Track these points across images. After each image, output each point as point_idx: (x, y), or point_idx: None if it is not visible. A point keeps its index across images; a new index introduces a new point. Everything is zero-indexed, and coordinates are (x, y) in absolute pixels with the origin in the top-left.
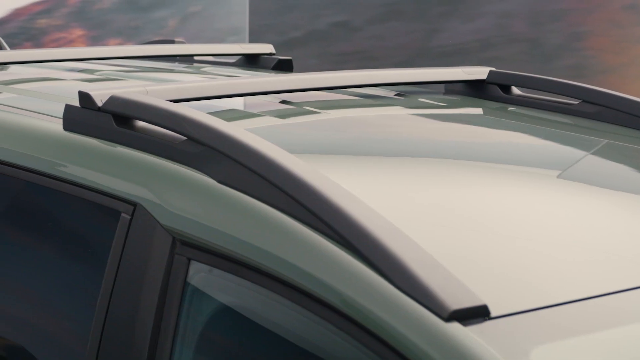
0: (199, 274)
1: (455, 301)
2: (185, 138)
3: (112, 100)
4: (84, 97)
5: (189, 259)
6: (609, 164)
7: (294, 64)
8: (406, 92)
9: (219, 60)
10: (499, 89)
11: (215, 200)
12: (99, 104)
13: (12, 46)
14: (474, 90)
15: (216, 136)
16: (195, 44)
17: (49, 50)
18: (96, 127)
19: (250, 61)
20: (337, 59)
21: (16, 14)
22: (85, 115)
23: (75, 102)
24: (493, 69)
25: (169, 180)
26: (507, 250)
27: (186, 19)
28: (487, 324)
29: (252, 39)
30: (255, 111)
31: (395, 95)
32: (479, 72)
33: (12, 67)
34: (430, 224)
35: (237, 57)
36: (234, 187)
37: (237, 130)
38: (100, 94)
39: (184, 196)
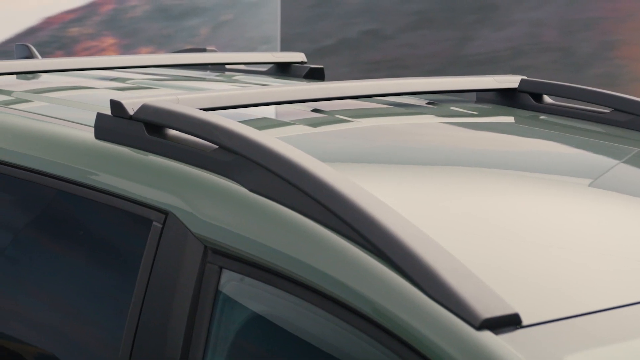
0: (231, 283)
1: (487, 310)
2: (217, 146)
3: (144, 108)
4: (115, 105)
5: (221, 268)
6: None
7: (326, 72)
8: (438, 101)
9: (250, 69)
10: (530, 97)
11: (247, 208)
12: (131, 112)
13: (44, 55)
14: (505, 98)
15: (248, 144)
16: (226, 53)
17: (80, 58)
18: (128, 136)
19: (282, 69)
20: (369, 67)
21: (48, 22)
22: (116, 124)
23: (107, 111)
24: (524, 77)
25: (200, 189)
26: (539, 258)
27: (218, 28)
28: (519, 332)
29: (284, 48)
30: (287, 120)
31: (426, 103)
32: (511, 81)
33: (44, 75)
34: (462, 232)
35: (269, 66)
36: (265, 195)
37: (269, 139)
38: (132, 102)
39: (216, 205)
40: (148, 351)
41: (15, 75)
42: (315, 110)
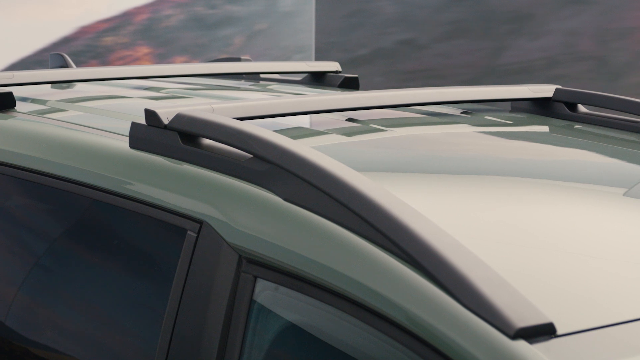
0: (265, 292)
1: (522, 319)
2: (252, 156)
3: (179, 118)
4: (150, 114)
5: (255, 277)
6: None
7: (360, 81)
8: (472, 110)
9: (285, 78)
10: (565, 106)
11: (281, 218)
12: (165, 121)
13: (78, 64)
14: (540, 107)
15: (282, 154)
16: (261, 62)
17: (115, 68)
18: (162, 145)
19: (317, 79)
20: (403, 77)
21: (82, 31)
22: (151, 133)
23: (142, 120)
24: (559, 86)
25: (235, 198)
26: (574, 267)
27: (252, 37)
28: (553, 341)
29: (319, 57)
30: (321, 129)
31: (461, 113)
32: (545, 90)
33: (79, 85)
34: (496, 241)
35: (303, 75)
36: (300, 204)
37: (304, 148)
38: (167, 111)
39: (250, 214)
40: None
41: (50, 85)
42: (349, 120)
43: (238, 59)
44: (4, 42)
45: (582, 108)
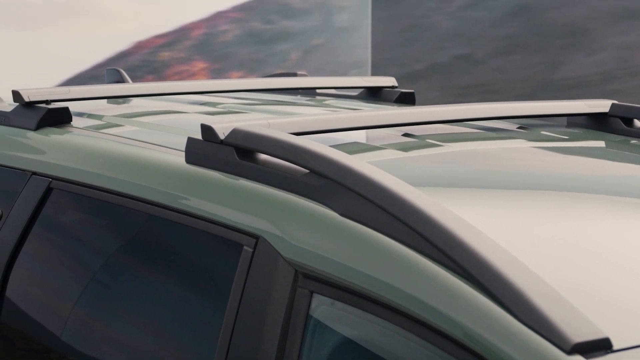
0: (321, 307)
1: (578, 334)
2: (308, 171)
3: (235, 133)
4: (206, 130)
5: (312, 292)
6: None
7: (416, 96)
8: (528, 125)
9: (341, 93)
10: (621, 122)
11: (337, 233)
12: (222, 136)
13: (135, 79)
14: (596, 123)
15: (339, 169)
16: (317, 77)
17: (171, 83)
18: (218, 160)
19: (373, 94)
20: (459, 92)
21: (138, 46)
22: (207, 148)
23: (198, 135)
24: (615, 101)
25: (291, 213)
26: (630, 282)
27: (309, 52)
28: (610, 357)
29: (375, 72)
30: (377, 144)
31: (517, 128)
32: (602, 105)
33: (135, 100)
34: (552, 256)
35: (360, 90)
36: (356, 219)
37: (360, 163)
38: (223, 126)
39: (306, 229)
40: None
41: (106, 100)
42: (405, 135)
43: (294, 74)
44: (61, 58)
45: (638, 123)
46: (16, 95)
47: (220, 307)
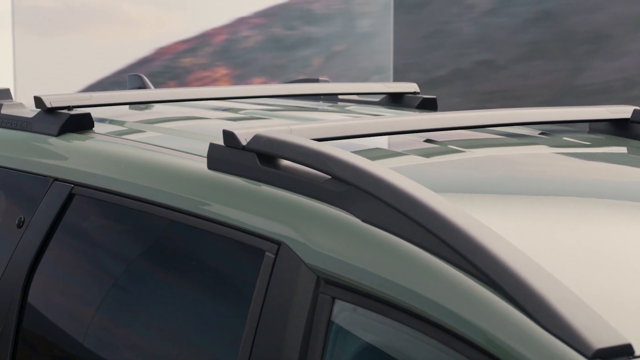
0: (343, 313)
1: (600, 340)
2: (330, 177)
3: (257, 139)
4: (228, 136)
5: (334, 298)
6: None
7: (438, 102)
8: (550, 131)
9: (363, 99)
10: None
11: (359, 239)
12: (244, 142)
13: (157, 85)
14: (618, 129)
15: (361, 175)
16: (339, 83)
17: (193, 89)
18: (240, 166)
19: (395, 100)
20: (481, 98)
21: (160, 52)
22: (229, 154)
23: (220, 141)
24: (637, 107)
25: (313, 219)
26: None
27: (330, 58)
28: None
29: (397, 78)
30: (399, 150)
31: (539, 134)
32: (624, 111)
33: (157, 106)
34: (574, 262)
35: (382, 96)
36: (378, 226)
37: (382, 169)
38: (245, 132)
39: (329, 235)
40: None
41: (127, 106)
42: (428, 141)
43: (316, 80)
44: (83, 64)
45: None
46: (38, 101)
47: (242, 313)
